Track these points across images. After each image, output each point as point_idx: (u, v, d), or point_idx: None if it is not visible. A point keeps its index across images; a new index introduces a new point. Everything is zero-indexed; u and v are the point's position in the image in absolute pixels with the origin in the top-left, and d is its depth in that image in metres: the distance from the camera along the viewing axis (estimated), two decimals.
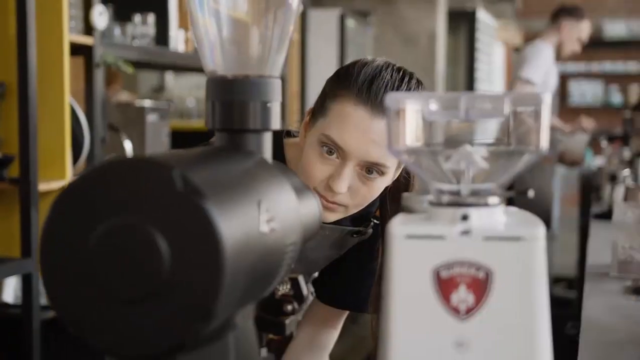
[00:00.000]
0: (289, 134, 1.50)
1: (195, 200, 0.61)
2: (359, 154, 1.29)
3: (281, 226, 0.74)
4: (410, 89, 1.32)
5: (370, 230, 1.50)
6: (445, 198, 0.72)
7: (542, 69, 4.57)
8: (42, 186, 2.39)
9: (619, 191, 2.97)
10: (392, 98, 0.71)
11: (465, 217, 0.70)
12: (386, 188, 1.38)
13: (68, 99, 2.47)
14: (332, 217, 1.35)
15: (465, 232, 0.69)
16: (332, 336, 1.65)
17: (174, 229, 0.61)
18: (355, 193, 1.32)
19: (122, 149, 2.91)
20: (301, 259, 0.81)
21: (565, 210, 6.72)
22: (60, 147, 2.46)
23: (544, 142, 0.70)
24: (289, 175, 0.85)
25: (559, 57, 4.69)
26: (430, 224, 0.70)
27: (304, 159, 1.34)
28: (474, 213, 0.70)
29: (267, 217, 0.71)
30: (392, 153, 0.71)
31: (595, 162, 5.32)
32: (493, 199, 0.72)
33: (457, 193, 0.72)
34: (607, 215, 2.72)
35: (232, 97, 0.81)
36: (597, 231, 2.73)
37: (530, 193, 0.73)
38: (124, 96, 4.65)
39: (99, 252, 0.61)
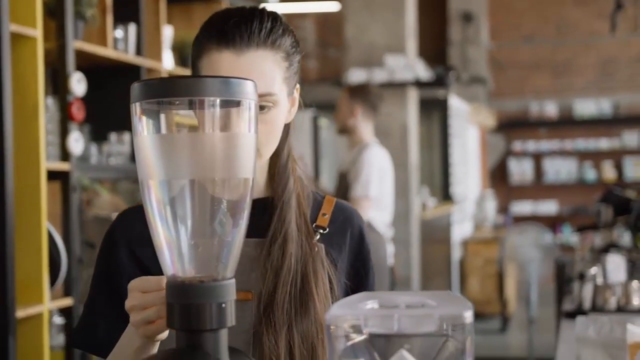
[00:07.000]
0: None
1: None
2: None
3: None
4: (267, 27, 1.23)
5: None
6: None
7: None
8: (20, 313, 2.43)
9: (588, 290, 3.02)
10: (331, 316, 0.78)
11: None
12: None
13: (45, 224, 2.53)
14: None
15: None
16: None
17: None
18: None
19: None
20: None
21: (545, 288, 6.77)
22: (37, 272, 2.51)
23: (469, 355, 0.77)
24: None
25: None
26: None
27: None
28: None
29: None
30: None
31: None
32: None
33: None
34: (577, 313, 2.75)
35: (189, 301, 0.89)
36: (568, 332, 2.76)
37: None
38: (105, 198, 4.70)
39: None
